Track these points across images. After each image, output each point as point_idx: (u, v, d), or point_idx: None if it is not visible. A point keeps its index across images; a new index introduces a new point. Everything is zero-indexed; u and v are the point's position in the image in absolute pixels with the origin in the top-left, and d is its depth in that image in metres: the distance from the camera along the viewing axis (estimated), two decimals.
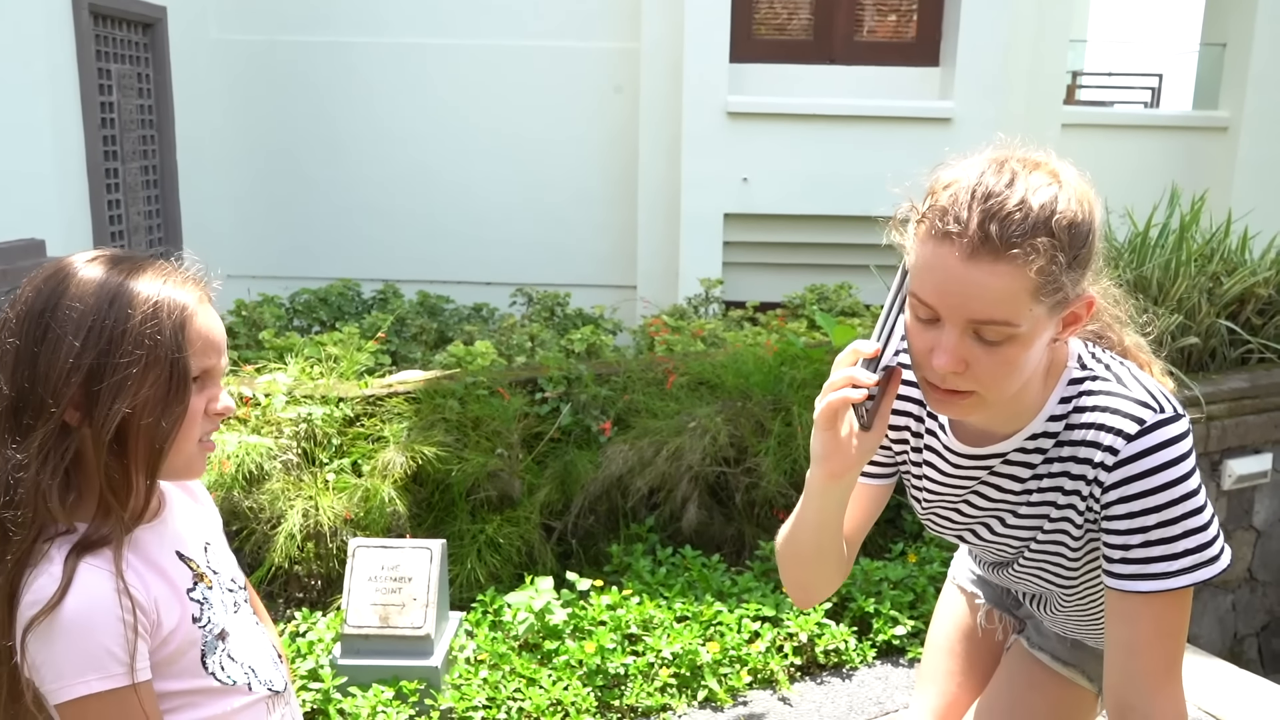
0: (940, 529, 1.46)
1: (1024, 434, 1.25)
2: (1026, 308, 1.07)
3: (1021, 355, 1.11)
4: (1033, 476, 1.28)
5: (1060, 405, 1.23)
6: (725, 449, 3.79)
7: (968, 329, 1.09)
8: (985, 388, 1.12)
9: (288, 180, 7.14)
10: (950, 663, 1.78)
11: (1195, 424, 4.11)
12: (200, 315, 1.15)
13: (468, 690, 2.93)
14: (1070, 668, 1.62)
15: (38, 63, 5.35)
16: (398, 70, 6.99)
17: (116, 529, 1.10)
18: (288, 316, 5.66)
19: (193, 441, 1.16)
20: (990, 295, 1.06)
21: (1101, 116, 7.82)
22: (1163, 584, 1.18)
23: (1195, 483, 1.18)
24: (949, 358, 1.10)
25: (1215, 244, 4.62)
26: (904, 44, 6.71)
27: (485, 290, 6.71)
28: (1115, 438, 1.18)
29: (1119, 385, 1.21)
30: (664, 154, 6.58)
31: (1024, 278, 1.05)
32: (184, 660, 1.16)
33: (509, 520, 3.68)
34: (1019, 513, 1.33)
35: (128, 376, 1.08)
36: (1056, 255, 1.06)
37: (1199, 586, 1.58)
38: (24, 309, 1.10)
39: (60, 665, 1.05)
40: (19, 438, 1.07)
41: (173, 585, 1.17)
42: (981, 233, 1.05)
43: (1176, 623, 1.21)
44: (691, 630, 3.19)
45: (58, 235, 5.43)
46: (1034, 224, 1.06)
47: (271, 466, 3.53)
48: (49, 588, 1.05)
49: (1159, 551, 1.18)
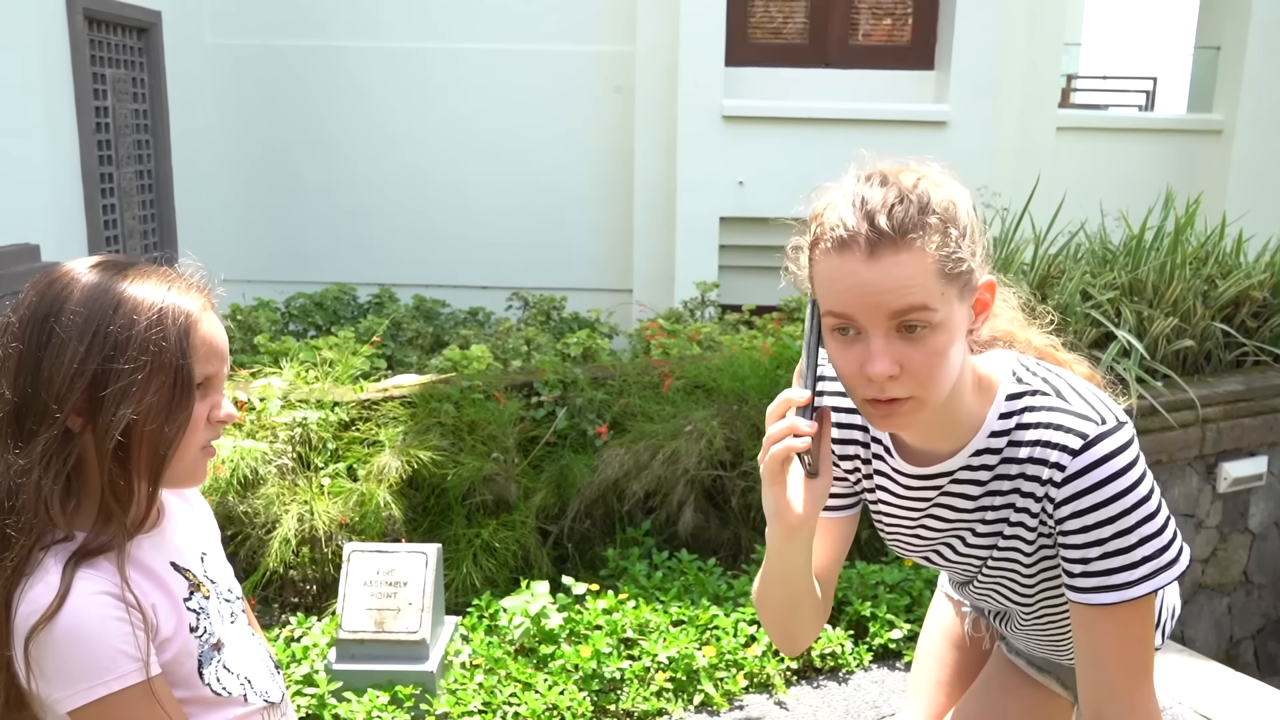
0: (906, 551, 1.46)
1: (968, 451, 1.26)
2: (938, 290, 1.10)
3: (946, 344, 1.12)
4: (984, 494, 1.28)
5: (1001, 421, 1.24)
6: (721, 452, 3.78)
7: (890, 328, 1.11)
8: (922, 387, 1.13)
9: (283, 184, 7.13)
10: (939, 672, 1.79)
11: (1190, 427, 4.12)
12: (204, 322, 1.14)
13: (463, 695, 2.92)
14: (1045, 674, 1.62)
15: (32, 67, 5.35)
16: (393, 74, 6.99)
17: (118, 536, 1.10)
18: (283, 321, 5.65)
19: (195, 448, 1.16)
20: (901, 284, 1.09)
21: (1096, 119, 7.83)
22: (1126, 594, 1.19)
23: (1145, 488, 1.18)
24: (883, 360, 1.11)
25: (1210, 247, 4.63)
26: (899, 47, 6.72)
27: (481, 294, 6.70)
28: (1061, 454, 1.19)
29: (1059, 400, 1.22)
30: (659, 157, 6.58)
31: (927, 258, 1.09)
32: (180, 671, 1.15)
33: (504, 524, 3.68)
34: (977, 531, 1.33)
35: (132, 383, 1.07)
36: (949, 231, 1.11)
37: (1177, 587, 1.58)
38: (27, 314, 1.09)
39: (69, 672, 1.04)
40: (21, 443, 1.07)
41: (169, 594, 1.17)
42: (875, 230, 1.09)
43: (1141, 630, 1.21)
44: (688, 634, 3.18)
45: (52, 240, 5.42)
46: (919, 208, 1.10)
47: (266, 471, 3.52)
48: (45, 597, 1.04)
49: (1118, 562, 1.18)
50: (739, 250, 6.49)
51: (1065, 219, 4.68)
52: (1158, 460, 4.12)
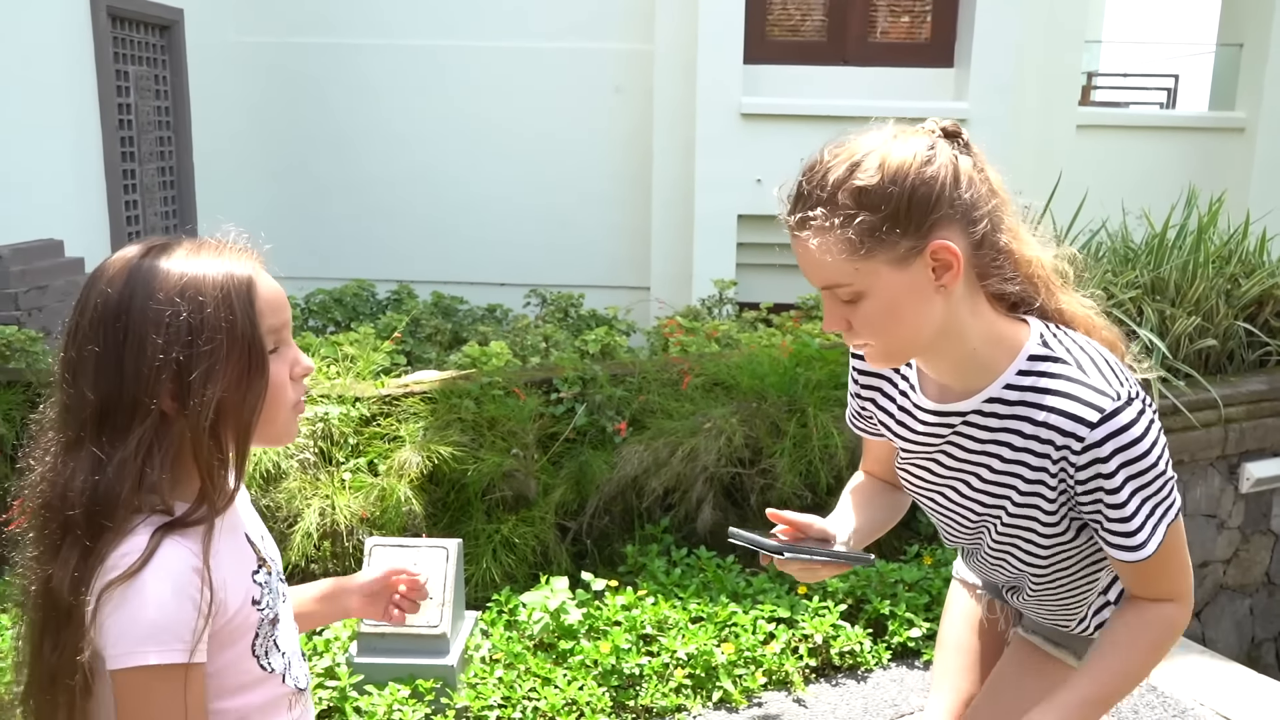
0: (916, 487, 1.54)
1: (982, 396, 1.35)
2: (849, 269, 1.21)
3: (881, 308, 1.24)
4: (992, 441, 1.37)
5: (1019, 377, 1.32)
6: (740, 450, 3.78)
7: (828, 294, 1.26)
8: (874, 338, 1.27)
9: (303, 181, 7.17)
10: (961, 659, 1.80)
11: (1212, 427, 4.09)
12: (262, 283, 1.17)
13: (483, 689, 2.93)
14: (1061, 649, 1.65)
15: (57, 65, 5.40)
16: (412, 72, 7.02)
17: (209, 512, 1.12)
18: (303, 317, 5.69)
19: (287, 408, 1.19)
20: (812, 263, 1.23)
21: (1117, 117, 7.79)
22: (1143, 553, 1.30)
23: (1155, 455, 1.28)
24: (829, 320, 1.28)
25: (1233, 245, 4.60)
26: (918, 45, 6.70)
27: (499, 291, 6.72)
28: (1078, 425, 1.27)
29: (1079, 371, 1.29)
30: (678, 155, 6.58)
31: (828, 246, 1.21)
32: (235, 643, 1.17)
33: (524, 520, 3.69)
34: (983, 477, 1.41)
35: (214, 362, 1.10)
36: (854, 220, 1.20)
37: None
38: (96, 315, 1.10)
39: (125, 631, 1.06)
40: (113, 439, 1.08)
41: (241, 566, 1.19)
42: (792, 215, 1.24)
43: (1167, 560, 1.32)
44: (706, 631, 3.19)
45: (76, 235, 5.47)
46: (825, 199, 1.21)
47: (288, 465, 3.54)
48: (131, 556, 1.07)
49: (1134, 525, 1.29)
50: (757, 248, 6.48)
51: (1086, 217, 4.66)
52: (1180, 460, 4.10)
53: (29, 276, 4.98)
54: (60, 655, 1.08)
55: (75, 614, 1.07)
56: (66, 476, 1.09)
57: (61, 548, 1.08)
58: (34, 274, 5.02)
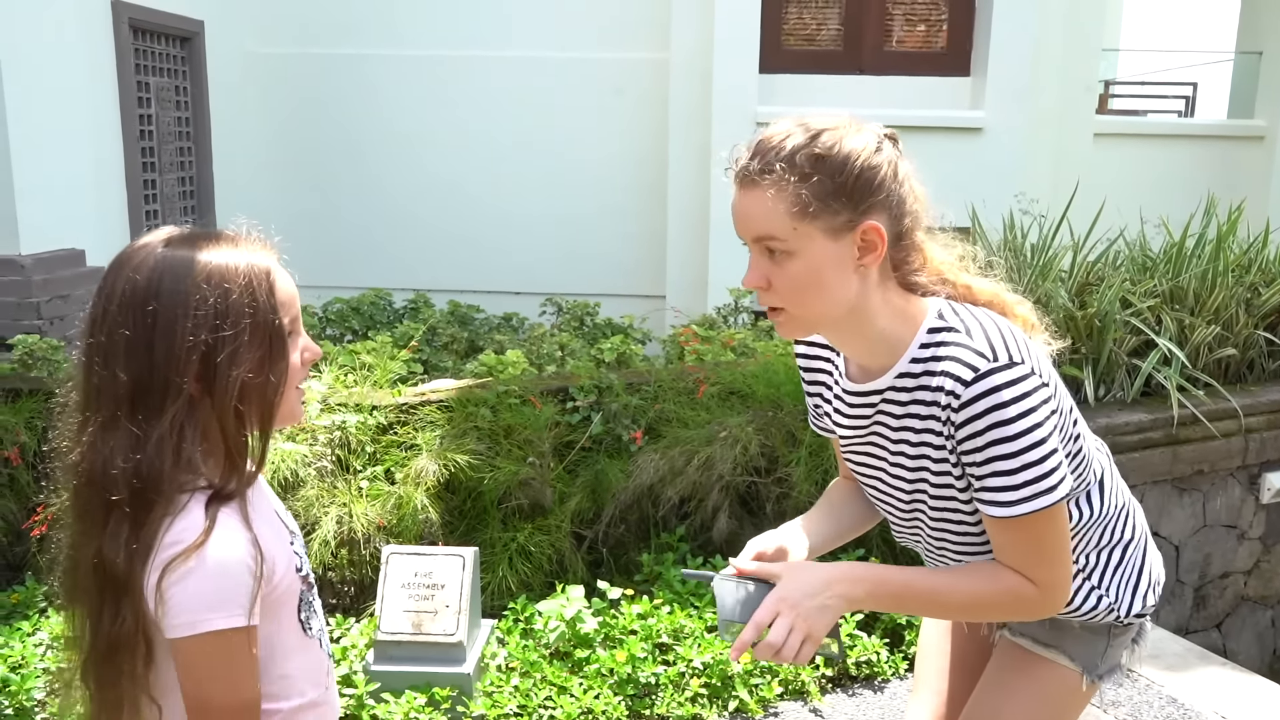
0: (861, 476, 1.60)
1: (893, 372, 1.42)
2: (790, 226, 1.30)
3: (806, 270, 1.32)
4: (905, 414, 1.44)
5: (921, 350, 1.40)
6: (756, 458, 3.78)
7: (758, 249, 1.34)
8: (787, 301, 1.35)
9: (322, 189, 7.22)
10: (942, 662, 1.83)
11: (1232, 437, 4.06)
12: (279, 275, 1.24)
13: (499, 698, 2.94)
14: (1050, 649, 1.65)
15: (79, 76, 5.46)
16: (429, 82, 7.06)
17: (240, 485, 1.20)
18: (320, 325, 5.71)
19: (294, 389, 1.27)
20: (755, 215, 1.32)
21: (1134, 126, 7.75)
22: (1007, 510, 1.36)
23: (1030, 422, 1.32)
24: (750, 273, 1.35)
25: (1253, 254, 4.57)
26: (934, 54, 6.69)
27: (515, 300, 6.73)
28: (956, 383, 1.34)
29: (965, 337, 1.37)
30: (693, 164, 6.59)
31: (780, 199, 1.30)
32: (282, 607, 1.25)
33: (540, 528, 3.70)
34: (907, 454, 1.47)
35: (239, 346, 1.16)
36: (809, 180, 1.30)
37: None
38: (125, 301, 1.16)
39: (191, 603, 1.12)
40: (148, 418, 1.14)
41: (279, 537, 1.26)
42: (745, 169, 1.33)
43: (1036, 538, 1.38)
44: (722, 641, 3.18)
45: (97, 245, 5.52)
46: (785, 157, 1.31)
47: (306, 473, 3.56)
48: (192, 530, 1.13)
49: (1001, 482, 1.35)
50: None
51: (1104, 226, 4.64)
52: (1200, 470, 4.07)
53: (51, 286, 5.03)
54: (121, 625, 1.14)
55: (132, 585, 1.13)
56: (106, 454, 1.14)
57: (108, 522, 1.14)
58: (56, 283, 5.07)
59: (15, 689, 2.88)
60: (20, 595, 3.47)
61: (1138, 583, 1.60)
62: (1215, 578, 4.27)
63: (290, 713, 1.27)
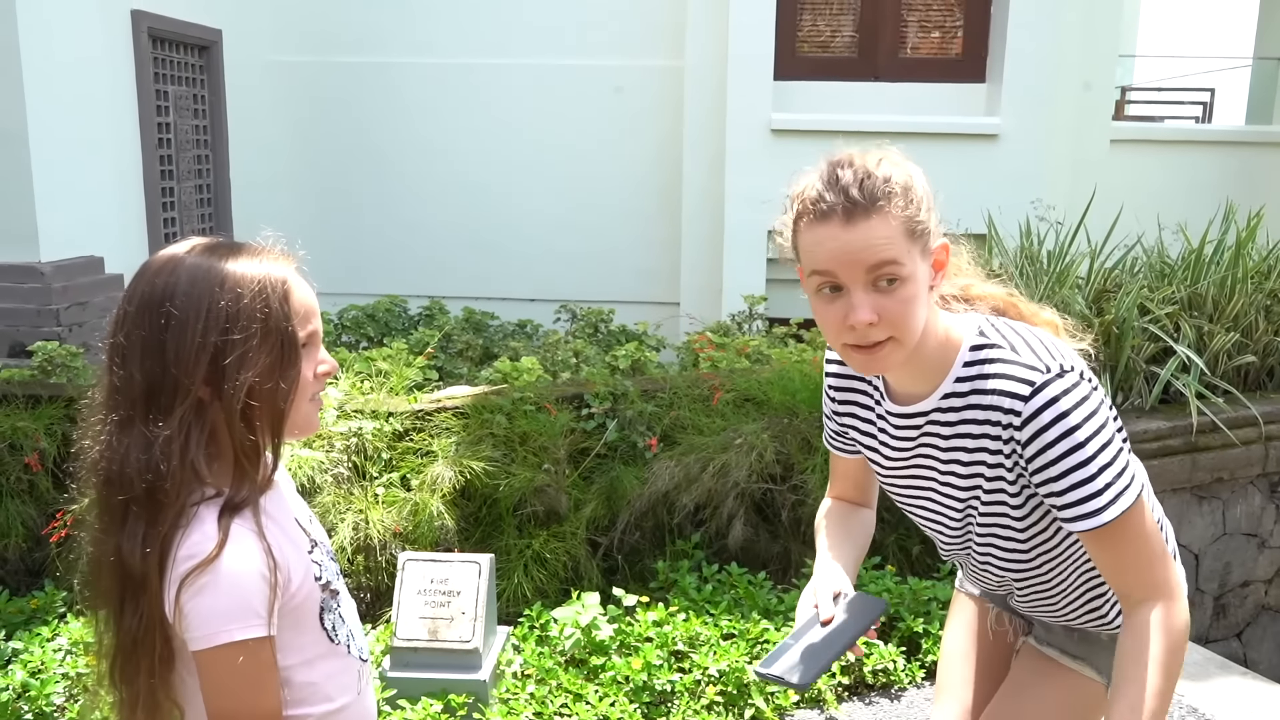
0: (902, 499, 1.59)
1: (939, 393, 1.43)
2: (905, 248, 1.29)
3: (914, 294, 1.31)
4: (955, 434, 1.44)
5: (966, 369, 1.41)
6: (771, 466, 3.77)
7: (868, 282, 1.30)
8: (897, 329, 1.31)
9: (336, 198, 7.26)
10: (966, 670, 1.81)
11: (1252, 445, 4.03)
12: (297, 286, 1.25)
13: (515, 705, 2.94)
14: (1079, 661, 1.65)
15: (99, 85, 5.51)
16: (444, 90, 7.09)
17: (252, 493, 1.21)
18: (336, 332, 5.74)
19: (306, 400, 1.27)
20: (877, 243, 1.28)
21: (1152, 132, 7.71)
22: (1098, 519, 1.33)
23: (1095, 424, 1.33)
24: (865, 309, 1.29)
25: (1272, 261, 4.53)
26: (949, 60, 6.68)
27: (529, 307, 6.76)
28: (1014, 401, 1.35)
29: (1012, 353, 1.38)
30: (708, 171, 6.59)
31: (894, 221, 1.29)
32: (304, 616, 1.26)
33: (555, 535, 3.70)
34: (958, 473, 1.47)
35: (248, 349, 1.18)
36: (911, 199, 1.31)
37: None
38: (142, 303, 1.19)
39: (209, 615, 1.14)
40: (159, 417, 1.17)
41: (296, 545, 1.27)
42: (849, 201, 1.29)
43: (1136, 537, 1.35)
44: (738, 648, 3.18)
45: (115, 252, 5.57)
46: (884, 180, 1.30)
47: (322, 480, 3.58)
48: (205, 544, 1.15)
49: (1086, 491, 1.33)
50: (787, 264, 6.47)
51: (1121, 232, 4.61)
52: (1219, 478, 4.04)
53: (70, 293, 5.08)
54: (140, 621, 1.16)
55: (149, 583, 1.15)
56: (122, 454, 1.17)
57: (126, 521, 1.17)
58: (75, 290, 5.11)
59: (35, 694, 2.90)
60: (40, 601, 3.50)
61: None
62: (1235, 586, 4.23)
63: (320, 718, 1.28)
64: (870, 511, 1.72)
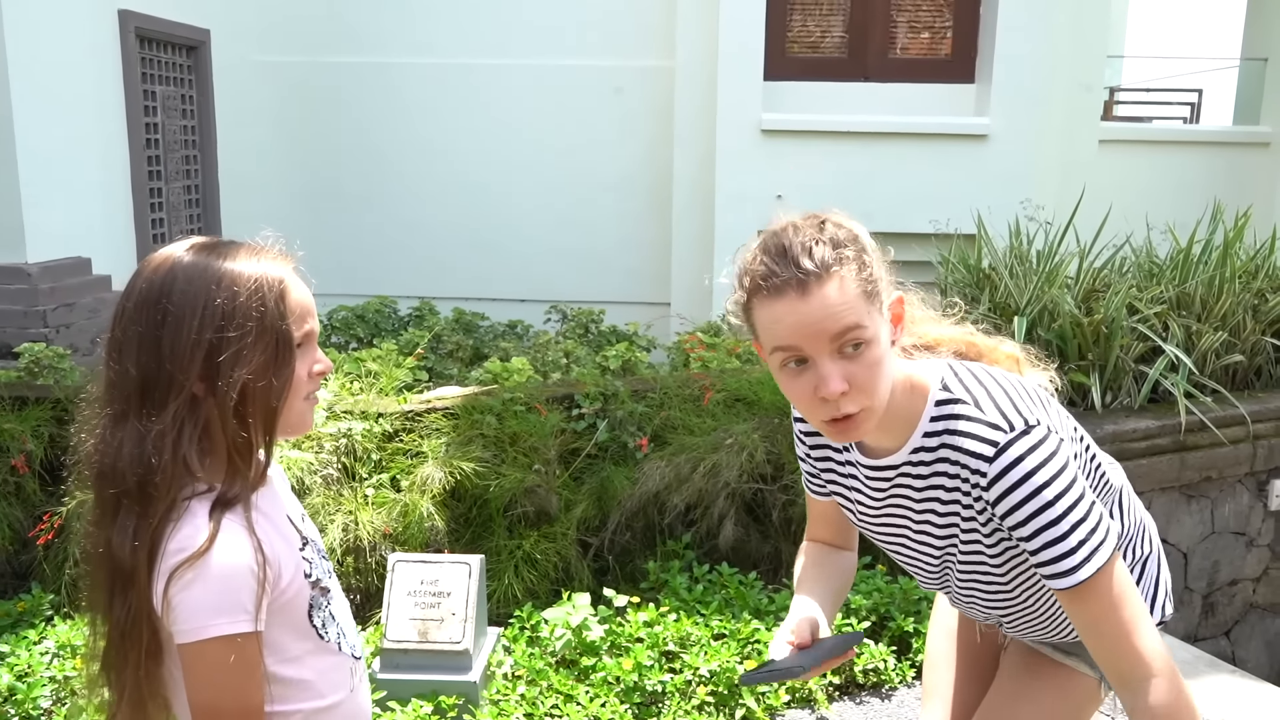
0: (882, 540, 1.57)
1: (908, 448, 1.40)
2: (864, 309, 1.25)
3: (880, 355, 1.28)
4: (928, 487, 1.42)
5: (932, 423, 1.38)
6: (762, 466, 3.77)
7: (834, 350, 1.25)
8: (869, 395, 1.28)
9: (326, 199, 7.24)
10: (949, 673, 1.82)
11: (1240, 444, 4.04)
12: (293, 286, 1.26)
13: (506, 706, 2.93)
14: (1071, 657, 1.65)
15: (86, 85, 5.48)
16: (435, 91, 7.08)
17: (244, 489, 1.22)
18: (326, 333, 5.72)
19: (300, 399, 1.28)
20: (836, 310, 1.24)
21: (1140, 132, 7.74)
22: (1073, 578, 1.30)
23: (1064, 482, 1.29)
24: (835, 379, 1.25)
25: (1260, 260, 4.55)
26: (939, 61, 6.70)
27: (519, 307, 6.74)
28: (980, 462, 1.32)
29: (975, 409, 1.35)
30: (698, 172, 6.59)
31: (850, 284, 1.25)
32: (294, 613, 1.26)
33: (546, 536, 3.69)
34: (934, 521, 1.45)
35: (243, 347, 1.19)
36: (863, 260, 1.27)
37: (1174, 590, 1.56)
38: (140, 299, 1.20)
39: (195, 608, 1.14)
40: (153, 412, 1.18)
41: (288, 542, 1.28)
42: (802, 272, 1.24)
43: (1114, 596, 1.31)
44: (729, 648, 3.18)
45: (103, 253, 5.54)
46: (833, 244, 1.26)
47: (312, 481, 3.56)
48: (196, 537, 1.15)
49: (1059, 550, 1.30)
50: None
51: (1110, 232, 4.63)
52: (1207, 477, 4.05)
53: (57, 294, 5.04)
54: (128, 614, 1.17)
55: (138, 577, 1.16)
56: (115, 447, 1.18)
57: (118, 514, 1.18)
58: (62, 291, 5.08)
59: (22, 697, 2.88)
60: (26, 604, 3.47)
61: (1155, 594, 1.61)
62: (1224, 585, 4.25)
63: (310, 714, 1.28)
64: (851, 554, 1.69)
